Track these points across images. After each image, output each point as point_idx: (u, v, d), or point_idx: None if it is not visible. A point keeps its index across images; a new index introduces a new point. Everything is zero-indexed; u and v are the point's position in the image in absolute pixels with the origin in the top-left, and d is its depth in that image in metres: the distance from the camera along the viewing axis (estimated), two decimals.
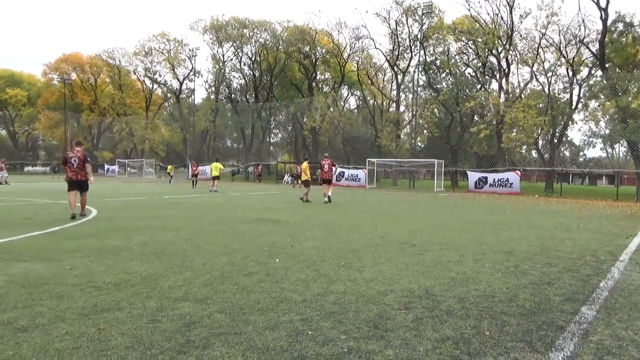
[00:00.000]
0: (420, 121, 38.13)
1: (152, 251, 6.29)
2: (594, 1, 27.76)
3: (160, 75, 56.59)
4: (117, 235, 7.75)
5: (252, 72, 51.13)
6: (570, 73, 31.82)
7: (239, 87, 55.32)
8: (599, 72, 30.77)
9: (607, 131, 33.36)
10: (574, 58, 31.03)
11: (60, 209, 12.08)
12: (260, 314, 3.71)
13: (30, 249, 6.29)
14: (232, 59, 51.77)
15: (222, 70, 51.73)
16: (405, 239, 7.95)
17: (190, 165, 36.07)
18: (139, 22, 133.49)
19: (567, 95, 32.63)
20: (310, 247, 6.92)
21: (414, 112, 37.69)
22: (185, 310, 3.76)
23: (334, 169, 18.65)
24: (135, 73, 57.55)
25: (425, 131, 40.29)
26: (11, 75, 67.08)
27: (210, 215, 11.31)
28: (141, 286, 4.48)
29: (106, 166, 56.88)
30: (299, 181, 17.86)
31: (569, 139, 38.08)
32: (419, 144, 42.02)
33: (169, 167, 37.31)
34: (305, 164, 17.99)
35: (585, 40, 30.27)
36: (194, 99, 55.00)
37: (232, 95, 54.56)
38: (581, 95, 32.06)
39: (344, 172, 35.17)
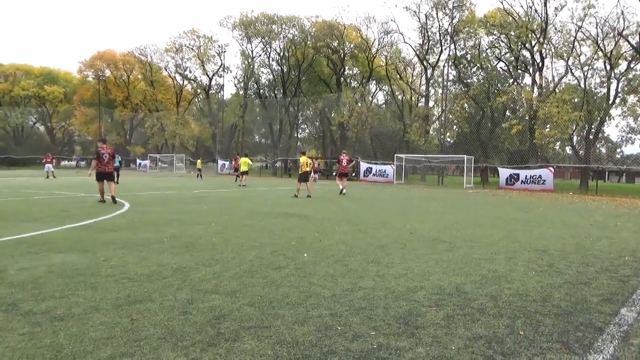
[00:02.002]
0: (450, 116, 37.50)
1: (182, 244, 6.39)
2: None
3: (190, 72, 57.45)
4: (149, 228, 7.91)
5: (280, 68, 51.28)
6: (608, 67, 30.62)
7: (267, 82, 55.60)
8: (639, 66, 29.59)
9: None
10: (612, 51, 29.80)
11: (93, 202, 12.45)
12: (290, 308, 3.71)
13: (66, 241, 6.48)
14: (260, 55, 52.07)
15: (251, 66, 52.07)
16: (434, 235, 7.83)
17: (224, 159, 36.23)
18: (170, 19, 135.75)
19: (604, 90, 31.45)
20: (338, 242, 6.89)
21: (444, 107, 37.07)
22: (215, 303, 3.80)
23: (351, 163, 18.31)
24: (166, 69, 58.67)
25: (454, 126, 39.58)
26: (49, 72, 69.42)
27: (238, 210, 11.42)
28: (172, 278, 4.55)
29: (138, 161, 58.13)
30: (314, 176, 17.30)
31: (605, 135, 36.89)
32: (448, 139, 41.27)
33: (199, 162, 37.84)
34: (304, 158, 17.00)
35: (624, 33, 29.07)
36: (223, 95, 55.76)
37: (261, 90, 54.89)
38: (619, 89, 30.90)
39: (371, 168, 34.89)
